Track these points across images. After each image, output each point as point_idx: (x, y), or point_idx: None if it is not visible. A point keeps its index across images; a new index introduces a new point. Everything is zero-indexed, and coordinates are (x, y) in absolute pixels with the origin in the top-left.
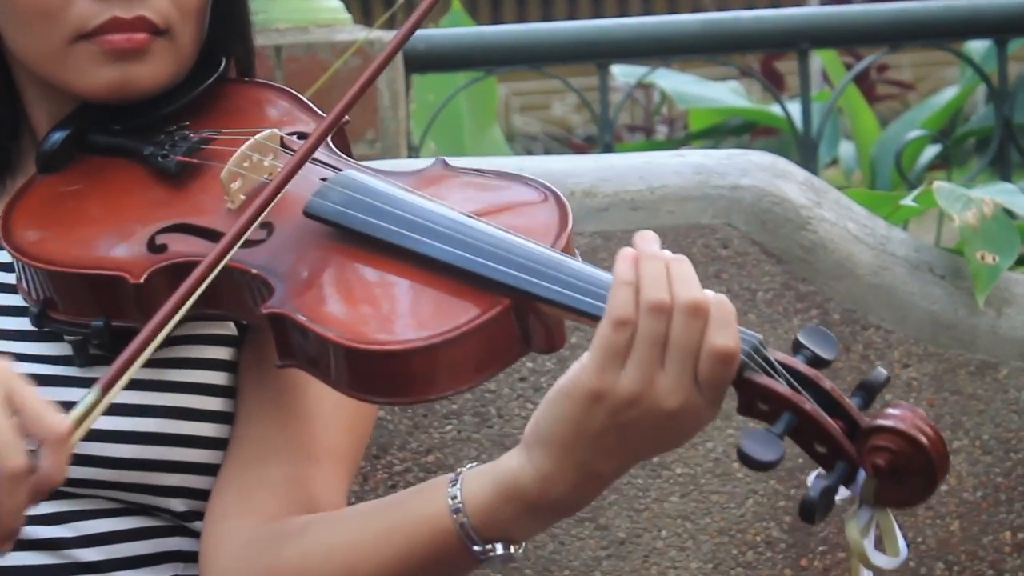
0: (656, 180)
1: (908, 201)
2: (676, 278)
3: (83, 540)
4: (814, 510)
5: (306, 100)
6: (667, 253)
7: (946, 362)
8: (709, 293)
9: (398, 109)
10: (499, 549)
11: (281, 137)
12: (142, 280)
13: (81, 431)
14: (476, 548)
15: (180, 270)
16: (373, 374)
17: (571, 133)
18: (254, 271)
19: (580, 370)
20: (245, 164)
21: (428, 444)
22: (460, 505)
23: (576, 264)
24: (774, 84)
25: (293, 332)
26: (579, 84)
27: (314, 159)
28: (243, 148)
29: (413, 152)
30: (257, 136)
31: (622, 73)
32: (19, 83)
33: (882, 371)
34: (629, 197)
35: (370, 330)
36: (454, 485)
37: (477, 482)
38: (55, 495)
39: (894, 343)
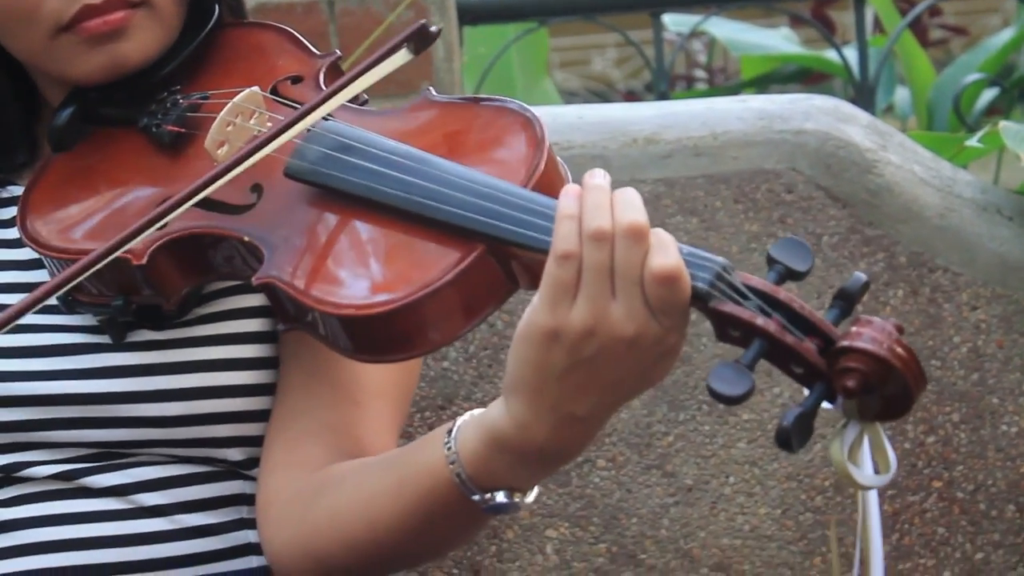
0: (719, 126)
1: (973, 142)
2: (618, 205)
3: (146, 485)
4: (789, 437)
5: (301, 38)
6: (613, 185)
7: (1015, 304)
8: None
9: (452, 61)
10: (501, 498)
11: (264, 94)
12: (145, 261)
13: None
14: (475, 498)
15: (181, 244)
16: (368, 336)
17: (612, 88)
18: (245, 238)
19: (532, 311)
20: (228, 128)
21: (494, 394)
22: (455, 456)
23: (544, 202)
24: (826, 30)
25: (285, 300)
26: (622, 37)
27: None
28: (222, 114)
29: None
30: (235, 99)
31: (672, 22)
32: (27, 68)
33: (860, 275)
34: (692, 143)
35: (355, 294)
36: (449, 435)
37: (469, 433)
38: (114, 456)
39: (962, 285)
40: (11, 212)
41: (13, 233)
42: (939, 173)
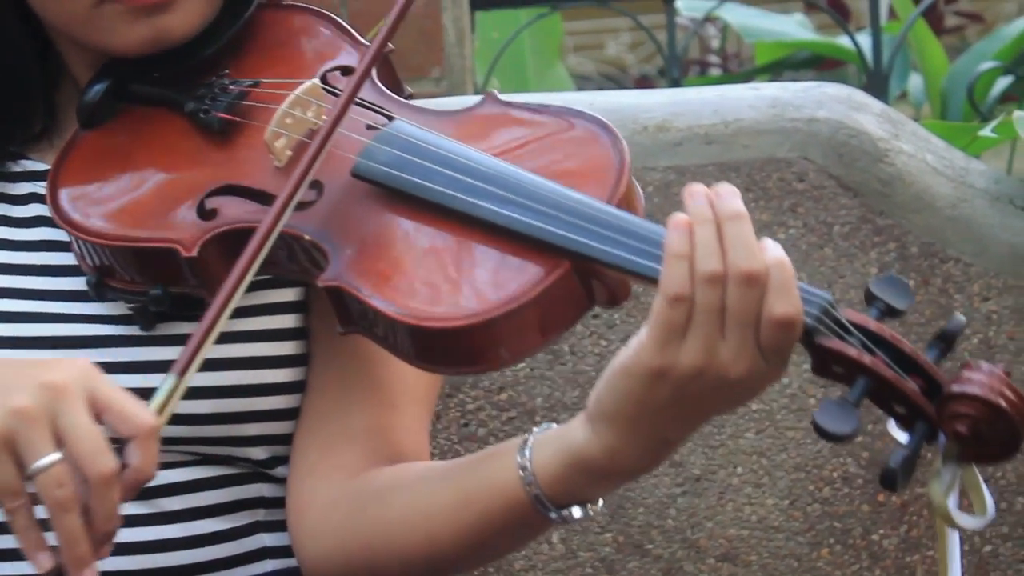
0: (731, 114)
1: (987, 132)
2: (730, 243)
3: (166, 489)
4: (895, 479)
5: (345, 24)
6: (722, 208)
7: None
8: (769, 252)
9: (463, 46)
10: (576, 512)
11: (321, 85)
12: (195, 253)
13: (164, 419)
14: (552, 515)
15: (232, 237)
16: (436, 349)
17: (625, 72)
18: (307, 237)
19: (639, 348)
20: (287, 121)
21: (501, 382)
22: (532, 477)
23: (635, 221)
24: (840, 16)
25: (352, 304)
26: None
27: (360, 101)
28: (283, 107)
29: (477, 91)
30: (296, 92)
31: (686, 7)
32: (51, 34)
33: (960, 318)
34: (703, 131)
35: (430, 305)
36: (523, 455)
37: (546, 452)
38: None
39: (973, 276)
40: (24, 188)
41: (26, 211)
42: (952, 163)
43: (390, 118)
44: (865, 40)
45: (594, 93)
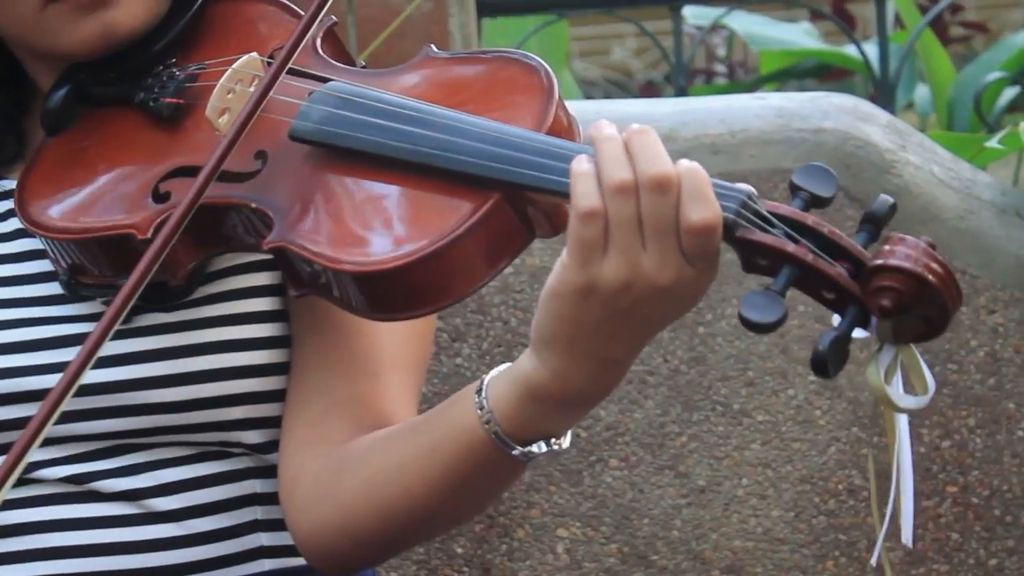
0: (737, 124)
1: (994, 143)
2: (637, 153)
3: (158, 489)
4: (826, 362)
5: (294, 7)
6: (628, 128)
7: None
8: (682, 163)
9: None
10: (541, 447)
11: (262, 58)
12: (149, 235)
13: None
14: (515, 452)
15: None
16: (384, 293)
17: (631, 78)
18: (253, 205)
19: (563, 268)
20: (229, 95)
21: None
22: (489, 415)
23: (559, 144)
24: (846, 25)
25: (298, 263)
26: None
27: (298, 69)
28: (222, 81)
29: None
30: (235, 65)
31: (692, 15)
32: (15, 53)
33: (886, 198)
34: (710, 141)
35: (370, 250)
36: (480, 394)
37: (500, 389)
38: (128, 448)
39: (980, 288)
40: (4, 206)
41: (7, 226)
42: (959, 174)
43: (326, 79)
44: (872, 49)
45: (601, 102)
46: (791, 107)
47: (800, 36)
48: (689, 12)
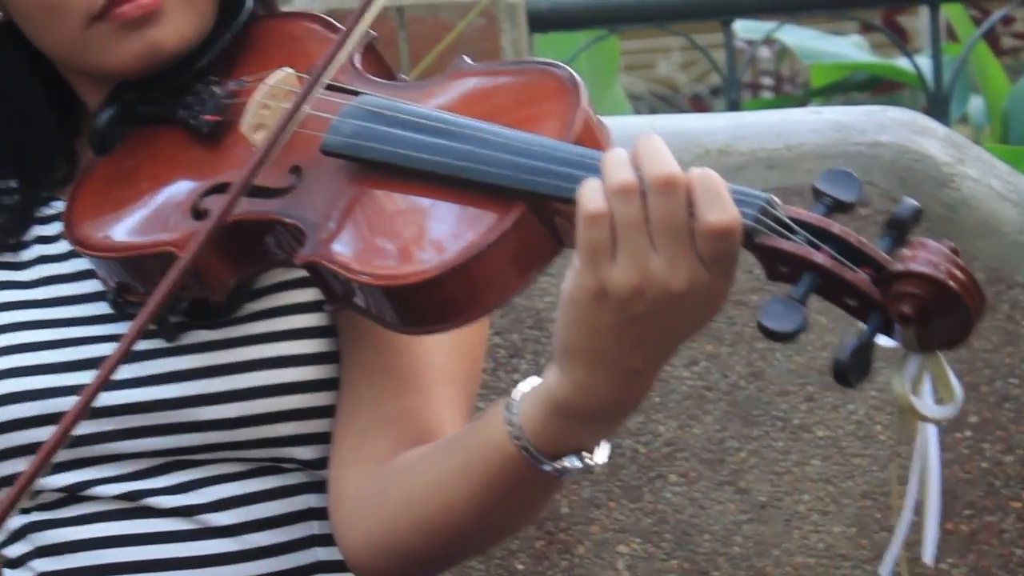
0: (793, 138)
1: None
2: (642, 155)
3: (214, 505)
4: (847, 371)
5: (334, 22)
6: (636, 137)
7: None
8: (695, 169)
9: None
10: (573, 462)
11: (297, 74)
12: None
13: None
14: (546, 468)
15: (223, 232)
16: (415, 306)
17: (677, 92)
18: (287, 220)
19: (575, 273)
20: (264, 111)
21: None
22: (519, 431)
23: (584, 154)
24: (898, 39)
25: (330, 278)
26: (687, 40)
27: (333, 83)
28: (256, 98)
29: None
30: (269, 81)
31: (742, 29)
32: (64, 74)
33: (911, 202)
34: (765, 155)
35: (398, 263)
36: (509, 409)
37: (528, 404)
38: (182, 465)
39: None
40: (57, 228)
41: (59, 248)
42: (1017, 187)
43: (358, 93)
44: (924, 62)
45: (653, 117)
46: (847, 121)
47: (851, 49)
48: (739, 26)
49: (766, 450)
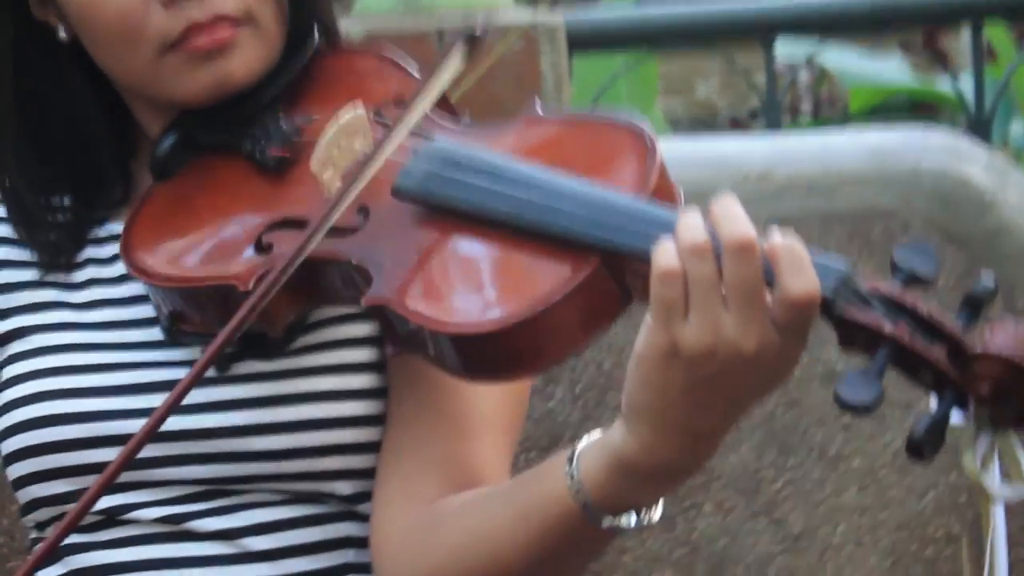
0: (833, 162)
1: None
2: (718, 217)
3: (253, 529)
4: (921, 447)
5: (401, 61)
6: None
7: None
8: (777, 236)
9: (562, 91)
10: (631, 520)
11: (367, 115)
12: (250, 286)
13: None
14: (604, 524)
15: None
16: (480, 356)
17: (715, 115)
18: (354, 261)
19: (647, 331)
20: (334, 152)
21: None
22: (579, 485)
23: (657, 211)
24: (938, 60)
25: (396, 321)
26: (726, 64)
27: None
28: (327, 137)
29: None
30: (339, 122)
31: (782, 52)
32: (125, 98)
33: (988, 281)
34: (805, 180)
35: (468, 312)
36: (571, 464)
37: (591, 460)
38: (221, 493)
39: None
40: (111, 250)
41: (114, 271)
42: None
43: (431, 139)
44: (967, 84)
45: (695, 140)
46: (887, 145)
47: (892, 71)
48: (779, 49)
49: (801, 480)
